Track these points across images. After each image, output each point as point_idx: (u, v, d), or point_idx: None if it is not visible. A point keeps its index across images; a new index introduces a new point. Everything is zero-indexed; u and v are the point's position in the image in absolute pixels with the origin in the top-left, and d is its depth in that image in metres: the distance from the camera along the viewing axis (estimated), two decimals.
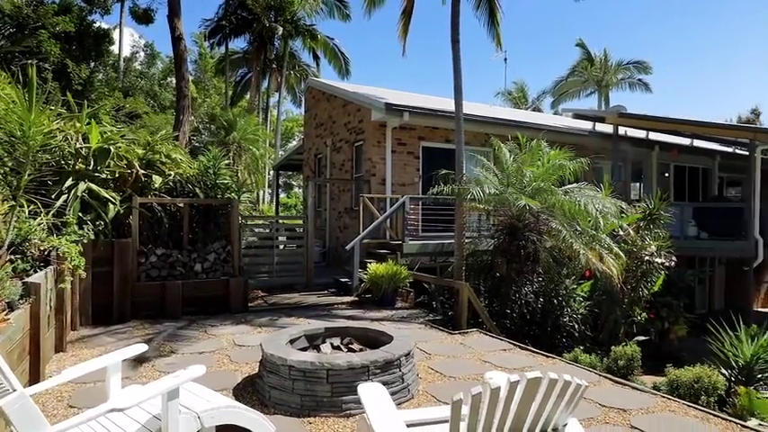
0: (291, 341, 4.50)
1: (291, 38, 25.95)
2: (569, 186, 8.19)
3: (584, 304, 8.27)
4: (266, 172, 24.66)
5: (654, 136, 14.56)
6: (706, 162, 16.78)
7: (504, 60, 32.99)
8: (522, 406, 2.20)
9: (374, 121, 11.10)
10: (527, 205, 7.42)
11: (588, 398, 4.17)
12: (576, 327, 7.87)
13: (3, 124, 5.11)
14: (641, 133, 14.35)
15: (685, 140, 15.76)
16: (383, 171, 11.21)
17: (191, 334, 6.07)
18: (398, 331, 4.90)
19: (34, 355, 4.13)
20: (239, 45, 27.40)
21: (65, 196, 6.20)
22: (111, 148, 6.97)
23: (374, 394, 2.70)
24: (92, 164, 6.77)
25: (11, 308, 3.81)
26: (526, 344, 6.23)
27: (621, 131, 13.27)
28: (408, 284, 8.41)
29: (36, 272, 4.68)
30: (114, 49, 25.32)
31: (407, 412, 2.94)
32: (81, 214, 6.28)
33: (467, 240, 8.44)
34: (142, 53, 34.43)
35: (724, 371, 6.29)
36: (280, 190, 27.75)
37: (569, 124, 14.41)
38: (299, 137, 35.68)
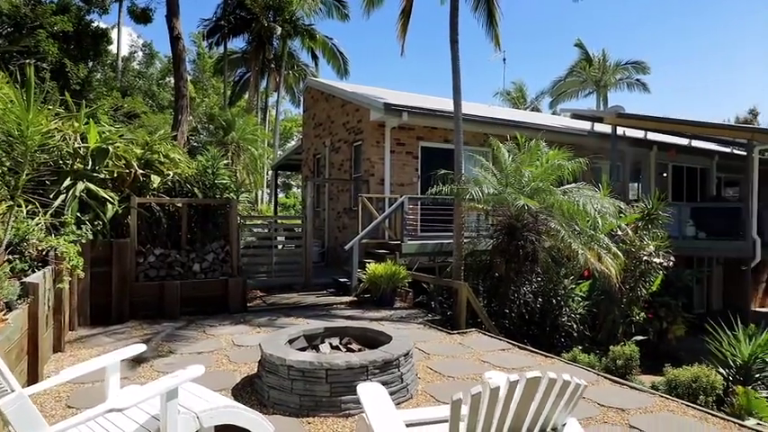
0: (290, 341, 4.49)
1: (290, 38, 25.94)
2: (568, 186, 8.20)
3: (582, 304, 8.28)
4: (265, 172, 24.64)
5: (652, 136, 14.59)
6: (704, 162, 16.82)
7: (503, 60, 33.03)
8: (522, 405, 2.21)
9: (373, 121, 11.10)
10: (526, 205, 7.43)
11: (587, 397, 4.18)
12: (575, 326, 7.88)
13: (1, 124, 5.10)
14: (639, 133, 14.38)
15: (683, 141, 15.79)
16: (382, 171, 11.21)
17: (189, 334, 6.07)
18: (397, 331, 4.90)
19: (32, 355, 4.11)
20: (238, 45, 27.42)
21: (63, 196, 6.19)
22: (110, 147, 6.96)
23: (373, 394, 2.70)
24: (90, 164, 6.76)
25: (9, 308, 3.80)
26: (525, 344, 6.23)
27: (620, 132, 13.29)
28: (407, 284, 8.41)
29: (34, 272, 4.67)
30: (112, 48, 25.29)
31: (407, 412, 2.94)
32: (79, 214, 6.27)
33: (465, 240, 8.45)
34: (140, 53, 34.45)
35: (722, 370, 6.31)
36: (278, 190, 27.73)
37: (568, 124, 14.43)
38: (297, 137, 35.68)
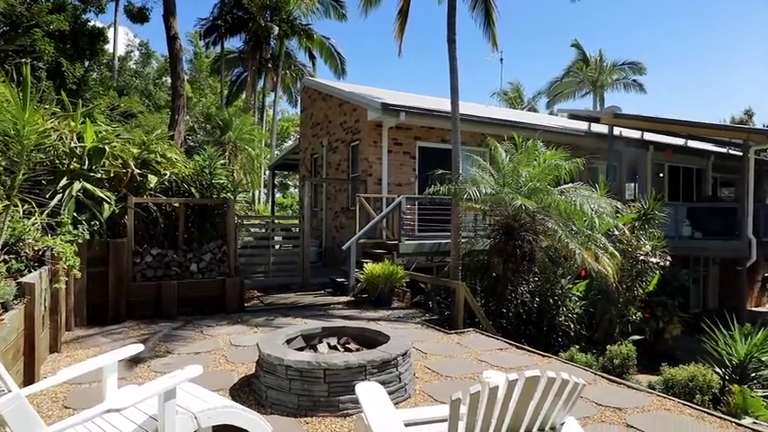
0: (288, 341, 4.49)
1: (287, 37, 25.91)
2: (565, 186, 8.22)
3: (579, 304, 8.30)
4: (262, 172, 24.60)
5: (649, 136, 14.65)
6: (700, 162, 16.90)
7: (500, 60, 33.13)
8: (521, 405, 2.21)
9: (370, 121, 11.09)
10: (523, 205, 7.44)
11: (584, 397, 4.19)
12: (572, 326, 7.90)
13: None
14: (636, 134, 14.43)
15: (680, 141, 15.86)
16: (379, 171, 11.21)
17: (187, 334, 6.05)
18: (395, 331, 4.90)
19: (29, 355, 4.10)
20: (235, 44, 27.38)
21: (59, 196, 6.16)
22: (106, 147, 6.93)
23: (372, 393, 2.70)
24: (86, 163, 6.73)
25: (5, 308, 3.78)
26: (522, 343, 6.24)
27: (616, 132, 13.34)
28: (405, 284, 8.41)
29: (30, 272, 4.65)
30: (109, 47, 25.16)
31: (405, 411, 2.94)
32: (76, 214, 6.24)
33: (463, 240, 8.46)
34: (137, 52, 34.29)
35: (718, 370, 6.33)
36: (275, 190, 27.70)
37: (565, 124, 14.47)
38: (294, 136, 35.60)
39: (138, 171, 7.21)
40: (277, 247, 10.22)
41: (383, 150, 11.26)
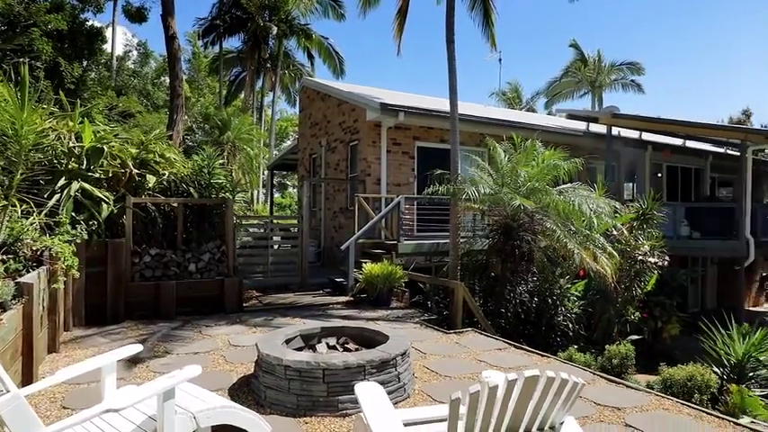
0: (287, 341, 4.49)
1: (286, 37, 25.90)
2: (563, 186, 8.23)
3: (578, 303, 8.31)
4: (260, 172, 24.57)
5: (647, 136, 14.67)
6: (698, 162, 16.93)
7: (499, 61, 33.12)
8: (520, 404, 2.21)
9: (369, 121, 11.09)
10: (522, 205, 7.45)
11: (583, 396, 4.19)
12: (571, 326, 7.91)
13: None
14: (634, 134, 14.45)
15: (678, 141, 15.89)
16: (378, 171, 11.21)
17: (185, 334, 6.04)
18: (394, 331, 4.90)
19: (27, 355, 4.09)
20: (233, 44, 27.34)
21: (57, 196, 6.15)
22: (105, 147, 6.92)
23: (371, 393, 2.70)
24: (85, 163, 6.72)
25: (3, 308, 3.77)
26: (521, 343, 6.25)
27: (615, 132, 13.36)
28: (403, 284, 8.41)
29: (29, 272, 4.64)
30: (107, 47, 25.13)
31: (404, 411, 2.94)
32: (74, 214, 6.23)
33: (462, 240, 8.46)
34: (135, 52, 34.24)
35: (716, 369, 6.34)
36: (274, 190, 27.67)
37: (563, 125, 14.48)
38: (293, 136, 35.59)
39: (137, 171, 7.20)
40: (276, 247, 10.21)
41: (382, 150, 11.26)
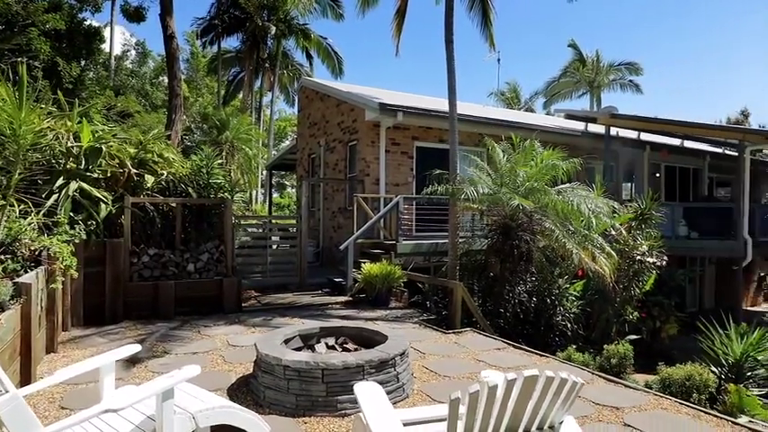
0: (286, 341, 4.48)
1: (284, 37, 25.89)
2: (562, 186, 8.24)
3: (576, 303, 8.32)
4: (259, 172, 24.55)
5: (645, 137, 14.70)
6: (696, 162, 16.97)
7: (498, 61, 33.27)
8: (519, 404, 2.21)
9: (368, 121, 11.09)
10: (520, 205, 7.46)
11: (582, 396, 4.20)
12: (569, 326, 7.92)
13: None
14: (633, 134, 14.48)
15: (676, 141, 15.92)
16: (377, 171, 11.21)
17: (184, 334, 6.04)
18: (393, 331, 4.90)
19: (25, 356, 4.08)
20: (232, 44, 27.32)
21: (56, 196, 6.13)
22: (103, 147, 6.90)
23: (370, 393, 2.70)
24: (83, 163, 6.70)
25: (1, 308, 3.76)
26: (520, 343, 6.25)
27: (613, 132, 13.38)
28: (402, 284, 8.41)
29: (27, 272, 4.63)
30: (105, 47, 25.06)
31: (404, 411, 2.94)
32: (72, 214, 6.21)
33: (460, 240, 8.47)
34: (133, 52, 34.21)
35: (714, 369, 6.36)
36: (273, 190, 27.65)
37: (562, 125, 14.50)
38: (292, 136, 35.58)
39: (135, 171, 7.19)
40: (274, 247, 10.21)
41: (381, 150, 11.26)
